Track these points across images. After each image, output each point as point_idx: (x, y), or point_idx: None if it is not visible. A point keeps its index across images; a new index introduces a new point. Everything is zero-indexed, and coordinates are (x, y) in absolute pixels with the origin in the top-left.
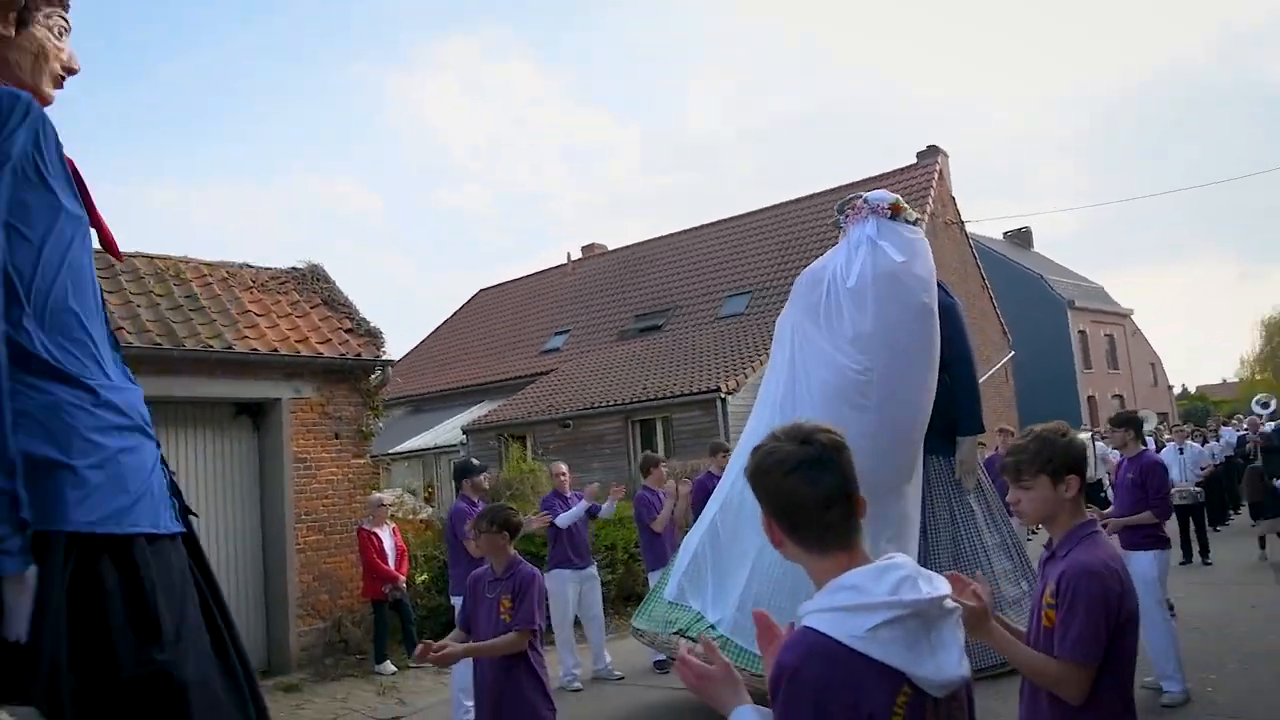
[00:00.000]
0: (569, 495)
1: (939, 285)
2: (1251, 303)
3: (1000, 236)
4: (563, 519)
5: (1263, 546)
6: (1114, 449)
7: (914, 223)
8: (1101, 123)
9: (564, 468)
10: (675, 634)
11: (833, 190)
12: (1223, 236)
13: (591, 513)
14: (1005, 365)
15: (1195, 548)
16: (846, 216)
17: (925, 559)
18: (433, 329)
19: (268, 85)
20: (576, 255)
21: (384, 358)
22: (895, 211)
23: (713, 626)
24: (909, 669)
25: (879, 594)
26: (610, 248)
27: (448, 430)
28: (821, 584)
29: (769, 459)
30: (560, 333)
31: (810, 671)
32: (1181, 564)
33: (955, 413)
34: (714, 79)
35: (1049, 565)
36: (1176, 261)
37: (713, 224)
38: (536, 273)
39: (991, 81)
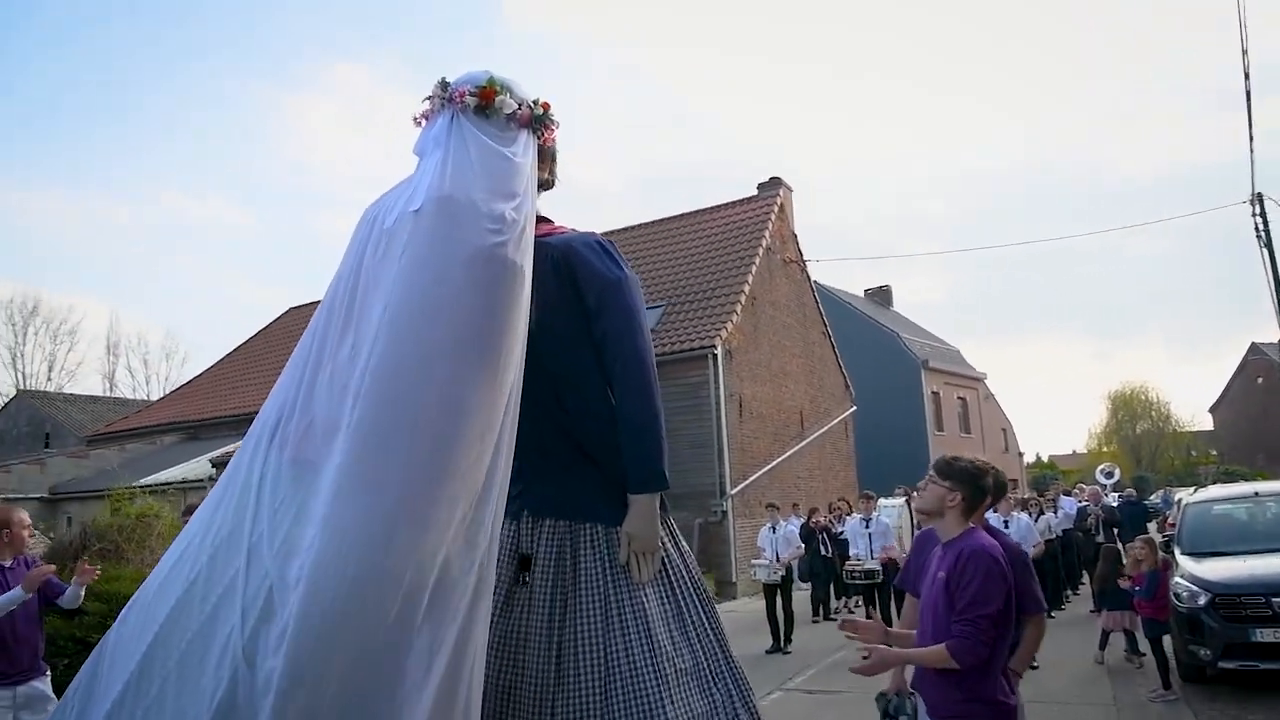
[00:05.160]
0: (10, 564)
1: (602, 248)
2: (1103, 378)
3: (861, 294)
4: None
5: (1102, 647)
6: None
7: (533, 124)
8: (968, 202)
9: (24, 517)
10: None
11: (679, 217)
12: (1081, 316)
13: (49, 597)
14: (846, 419)
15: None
16: (423, 116)
17: (550, 700)
18: (233, 348)
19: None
20: None
21: None
22: (485, 101)
23: None
24: None
25: None
26: None
27: (200, 464)
28: None
29: None
30: None
31: None
32: None
33: (620, 455)
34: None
35: None
36: (1035, 336)
37: None
38: None
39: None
